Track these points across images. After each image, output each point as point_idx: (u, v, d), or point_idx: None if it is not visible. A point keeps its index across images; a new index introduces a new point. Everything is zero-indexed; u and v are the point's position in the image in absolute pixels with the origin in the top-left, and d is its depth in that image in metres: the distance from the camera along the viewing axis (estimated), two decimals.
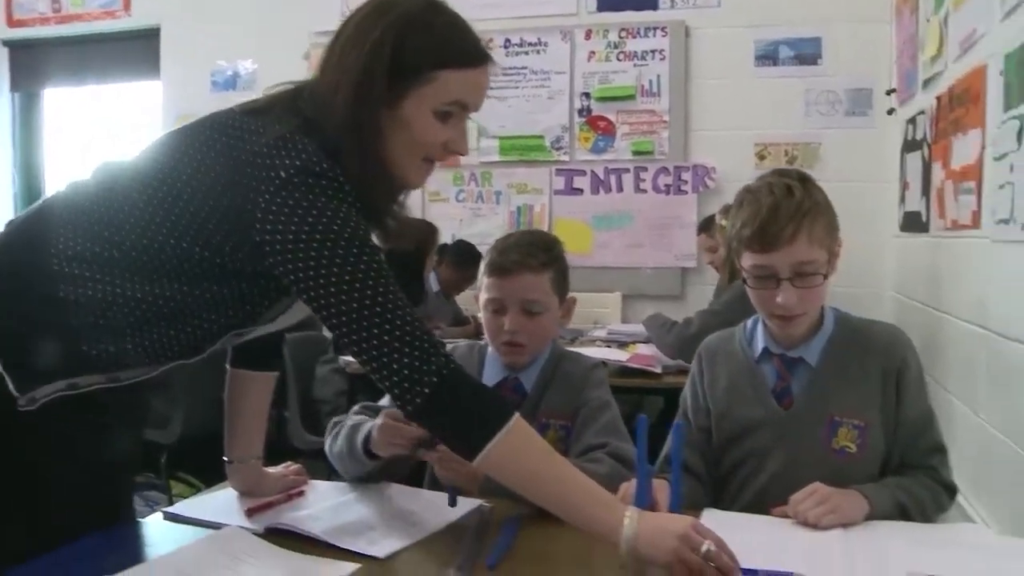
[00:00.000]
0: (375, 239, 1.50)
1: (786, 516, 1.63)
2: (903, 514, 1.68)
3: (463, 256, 4.74)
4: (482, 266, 1.99)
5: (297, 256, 1.37)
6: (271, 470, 1.85)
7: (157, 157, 1.49)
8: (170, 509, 1.71)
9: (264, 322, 1.57)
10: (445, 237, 5.07)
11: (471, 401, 1.43)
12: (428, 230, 4.48)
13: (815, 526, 1.57)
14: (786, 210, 1.71)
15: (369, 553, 1.47)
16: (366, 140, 1.45)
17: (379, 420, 1.74)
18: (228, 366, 1.79)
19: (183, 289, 1.46)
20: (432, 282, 4.75)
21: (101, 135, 6.32)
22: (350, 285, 1.36)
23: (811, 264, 1.72)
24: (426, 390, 1.37)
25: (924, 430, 1.80)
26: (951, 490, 1.79)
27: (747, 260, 1.77)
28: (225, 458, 1.80)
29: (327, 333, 1.50)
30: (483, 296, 1.98)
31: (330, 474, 1.98)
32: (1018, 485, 2.34)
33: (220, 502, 1.75)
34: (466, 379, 1.44)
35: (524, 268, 1.93)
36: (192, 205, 1.43)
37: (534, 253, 1.94)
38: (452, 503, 1.70)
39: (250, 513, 1.66)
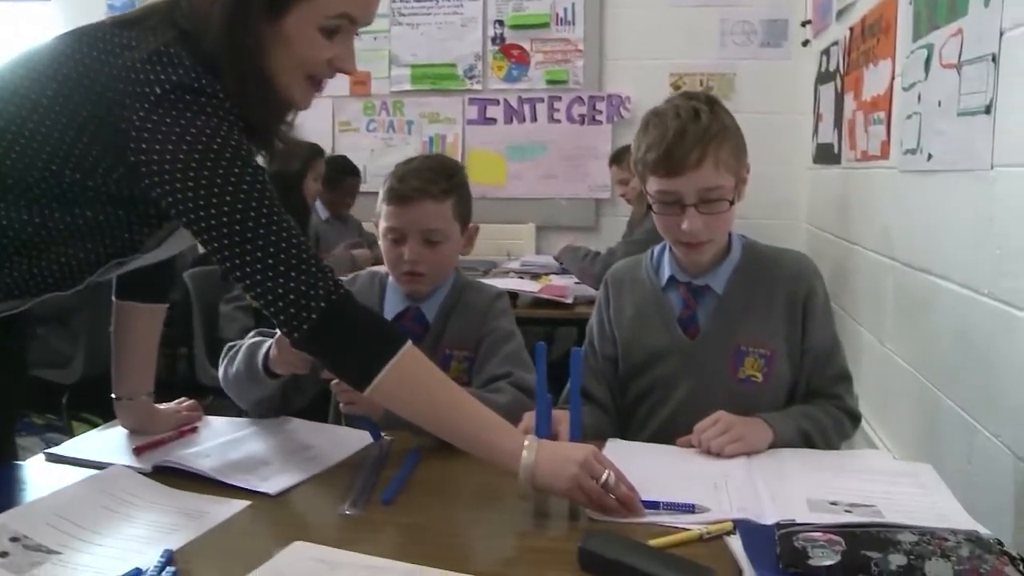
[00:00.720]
0: (260, 161, 1.42)
1: (691, 446, 1.61)
2: (807, 442, 1.67)
3: (333, 171, 4.52)
4: (381, 193, 1.91)
5: (175, 177, 1.28)
6: (163, 407, 1.78)
7: (19, 72, 1.37)
8: (53, 450, 1.62)
9: (146, 250, 1.47)
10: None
11: (360, 328, 1.37)
12: (311, 151, 4.23)
13: (719, 455, 1.56)
14: (693, 134, 1.66)
15: (260, 490, 1.41)
16: (245, 56, 1.35)
17: (278, 335, 1.67)
18: (114, 298, 1.70)
19: (54, 215, 1.36)
20: (319, 209, 4.57)
21: None
22: (231, 207, 1.29)
23: (717, 190, 1.68)
24: (313, 316, 1.31)
25: (830, 358, 1.80)
26: (855, 418, 1.80)
27: (652, 185, 1.72)
28: (113, 395, 1.72)
29: None
30: (382, 224, 1.90)
31: (241, 411, 1.90)
32: (919, 412, 2.37)
33: (107, 441, 1.67)
34: (355, 305, 1.38)
35: (425, 196, 1.85)
36: (60, 124, 1.32)
37: (435, 180, 1.86)
38: (376, 437, 1.65)
39: (138, 451, 1.58)
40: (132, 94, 1.28)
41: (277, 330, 1.84)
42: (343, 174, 4.55)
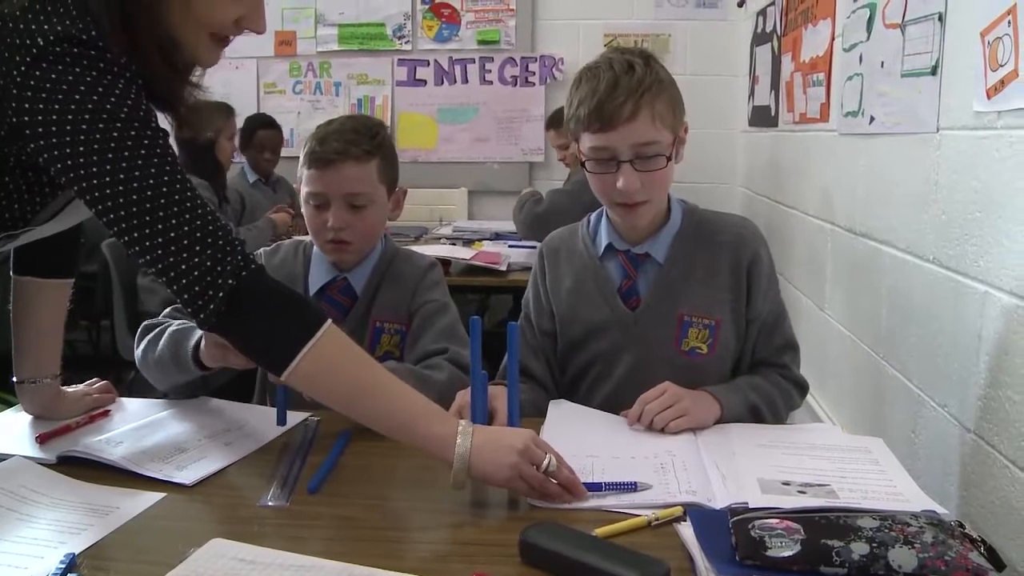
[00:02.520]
0: (168, 126, 1.29)
1: (636, 420, 1.54)
2: (755, 416, 1.62)
3: (245, 127, 4.30)
4: (301, 156, 1.80)
5: (63, 140, 1.15)
6: (71, 389, 1.65)
7: None
8: None
9: (40, 222, 1.34)
10: (283, 132, 4.78)
11: (273, 308, 1.27)
12: (224, 111, 4.00)
13: (662, 431, 1.50)
14: (626, 86, 1.57)
15: (175, 480, 1.31)
16: (140, 14, 1.21)
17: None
18: (12, 274, 1.56)
19: None
20: (247, 173, 4.38)
21: None
22: (128, 174, 1.16)
23: (654, 145, 1.60)
24: (220, 295, 1.20)
25: (776, 327, 1.74)
26: (802, 388, 1.75)
27: (586, 142, 1.64)
28: (14, 378, 1.59)
29: None
30: (304, 189, 1.80)
31: None
32: (862, 381, 2.34)
33: (8, 429, 1.54)
34: (267, 282, 1.27)
35: (347, 158, 1.75)
36: None
37: (357, 141, 1.76)
38: (281, 421, 1.55)
39: (42, 440, 1.47)
40: (10, 46, 1.14)
41: None
42: (255, 128, 4.32)
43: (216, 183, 3.82)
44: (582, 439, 1.47)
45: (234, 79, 4.96)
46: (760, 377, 1.69)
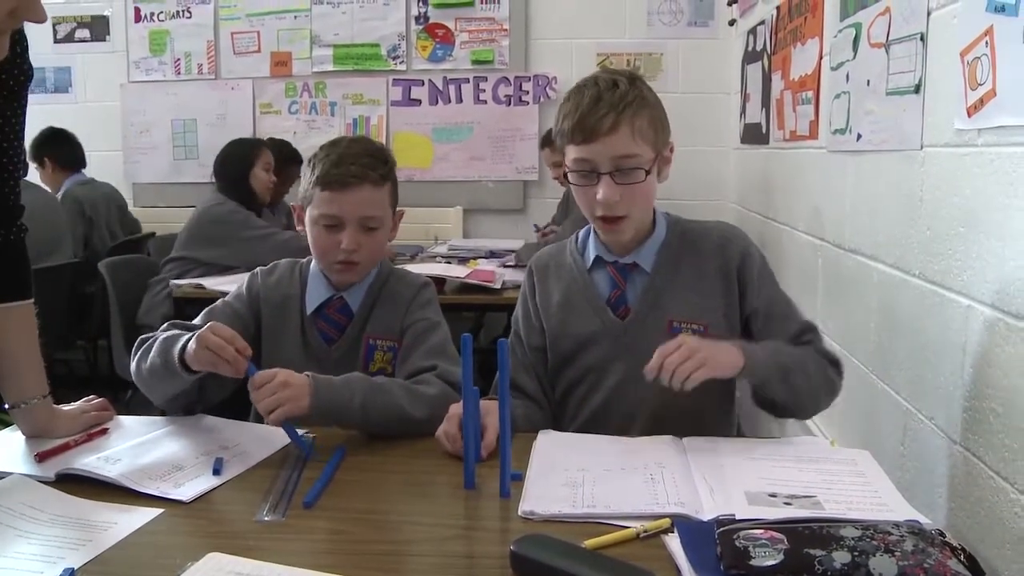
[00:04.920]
0: None
1: (656, 372, 1.50)
2: (784, 375, 1.59)
3: (277, 159, 4.22)
4: (310, 177, 1.82)
5: None
6: (68, 407, 1.67)
7: None
8: None
9: None
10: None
11: None
12: (255, 142, 4.08)
13: (683, 387, 1.47)
14: (608, 101, 1.62)
15: (173, 497, 1.33)
16: None
17: (202, 332, 1.55)
18: None
19: None
20: None
21: None
22: None
23: (633, 159, 1.63)
24: None
25: (786, 315, 1.74)
26: (835, 363, 1.72)
27: (570, 154, 1.68)
28: (6, 404, 1.60)
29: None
30: (314, 211, 1.82)
31: None
32: (852, 395, 2.36)
33: (7, 447, 1.56)
34: None
35: (364, 182, 1.78)
36: None
37: (374, 166, 1.80)
38: (307, 453, 1.53)
39: (40, 458, 1.48)
40: None
41: (194, 321, 1.77)
42: (289, 162, 4.33)
43: (250, 211, 3.92)
44: (573, 454, 1.49)
45: (230, 99, 4.99)
46: (788, 345, 1.68)
